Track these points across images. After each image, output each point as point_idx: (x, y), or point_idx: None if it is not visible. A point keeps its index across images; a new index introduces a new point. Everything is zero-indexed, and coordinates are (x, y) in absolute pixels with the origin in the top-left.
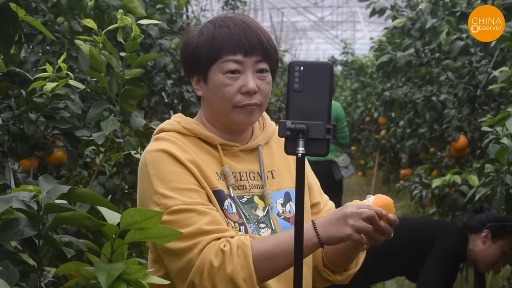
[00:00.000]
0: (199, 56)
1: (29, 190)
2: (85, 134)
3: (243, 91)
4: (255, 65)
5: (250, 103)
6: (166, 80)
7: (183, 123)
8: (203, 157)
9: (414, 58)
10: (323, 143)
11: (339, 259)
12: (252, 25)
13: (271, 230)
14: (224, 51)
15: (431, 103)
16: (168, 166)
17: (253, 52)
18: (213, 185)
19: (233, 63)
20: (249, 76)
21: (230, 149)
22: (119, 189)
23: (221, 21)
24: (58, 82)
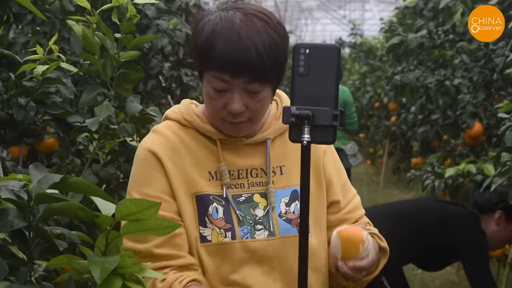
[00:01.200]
0: (196, 54)
1: (18, 179)
2: (77, 120)
3: (227, 109)
4: (244, 86)
5: (234, 122)
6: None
7: (185, 113)
8: (198, 154)
9: (427, 40)
10: (330, 130)
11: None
12: (247, 40)
13: (268, 232)
14: (212, 66)
15: (445, 87)
16: (147, 169)
17: (240, 74)
18: (198, 189)
19: (220, 82)
20: (235, 96)
21: (233, 143)
22: (114, 178)
23: (222, 25)
24: (49, 65)
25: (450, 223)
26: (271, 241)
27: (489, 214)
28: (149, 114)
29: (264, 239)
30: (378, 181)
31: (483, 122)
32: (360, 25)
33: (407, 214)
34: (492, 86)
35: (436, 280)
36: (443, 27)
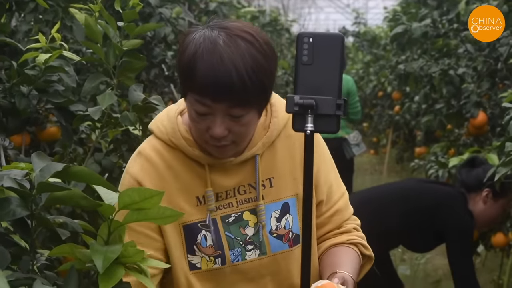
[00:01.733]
0: (178, 74)
1: (21, 167)
2: (80, 109)
3: (209, 133)
4: (227, 110)
5: (217, 145)
6: (166, 51)
7: (171, 134)
8: (185, 179)
9: (431, 29)
10: (333, 119)
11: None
12: (229, 63)
13: (259, 252)
14: (193, 89)
15: (449, 77)
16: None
17: (222, 98)
18: (185, 218)
19: (201, 106)
20: (217, 120)
21: (222, 164)
22: (116, 167)
23: (203, 47)
24: (51, 53)
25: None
26: (263, 260)
27: (477, 192)
28: (152, 103)
29: (256, 259)
30: (381, 171)
31: (487, 112)
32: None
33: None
34: (497, 75)
35: (439, 270)
36: (447, 16)
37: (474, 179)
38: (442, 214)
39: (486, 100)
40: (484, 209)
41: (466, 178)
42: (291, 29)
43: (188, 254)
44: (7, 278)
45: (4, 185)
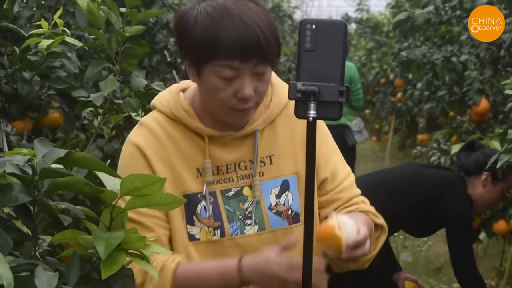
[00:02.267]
0: (192, 50)
1: (23, 153)
2: (82, 95)
3: (238, 97)
4: (253, 69)
5: (245, 108)
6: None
7: (173, 107)
8: (185, 150)
9: (434, 16)
10: (336, 106)
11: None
12: (251, 23)
13: (258, 227)
14: (218, 55)
15: (451, 64)
16: (134, 165)
17: (251, 56)
18: (186, 188)
19: (229, 70)
20: (245, 81)
21: (221, 138)
22: (119, 153)
23: (218, 14)
24: (54, 39)
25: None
26: (262, 236)
27: (476, 176)
28: (154, 89)
29: (254, 234)
30: (383, 158)
31: (489, 99)
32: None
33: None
34: (499, 62)
35: (441, 257)
36: (450, 3)
37: (473, 162)
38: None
39: (488, 87)
40: (483, 193)
41: (465, 162)
42: (294, 15)
43: (188, 224)
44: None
45: (6, 171)
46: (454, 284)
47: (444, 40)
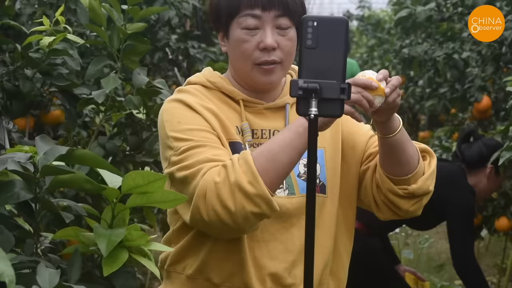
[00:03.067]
0: (221, 11)
1: (25, 151)
2: (84, 92)
3: (260, 47)
4: (275, 20)
5: (268, 60)
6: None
7: (208, 76)
8: (224, 110)
9: (435, 13)
10: (338, 104)
11: (390, 157)
12: None
13: (288, 191)
14: (242, 6)
15: (453, 61)
16: (182, 111)
17: (271, 6)
18: (231, 136)
19: (251, 18)
20: (267, 32)
21: (254, 106)
22: (120, 150)
23: None
24: (55, 36)
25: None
26: (291, 199)
27: (480, 169)
28: (156, 86)
29: (285, 197)
30: None
31: (491, 96)
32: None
33: None
34: (501, 59)
35: (442, 254)
36: (452, 0)
37: (477, 155)
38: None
39: (490, 84)
40: (487, 185)
41: (469, 156)
42: None
43: None
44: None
45: (8, 168)
46: (456, 281)
47: (445, 37)
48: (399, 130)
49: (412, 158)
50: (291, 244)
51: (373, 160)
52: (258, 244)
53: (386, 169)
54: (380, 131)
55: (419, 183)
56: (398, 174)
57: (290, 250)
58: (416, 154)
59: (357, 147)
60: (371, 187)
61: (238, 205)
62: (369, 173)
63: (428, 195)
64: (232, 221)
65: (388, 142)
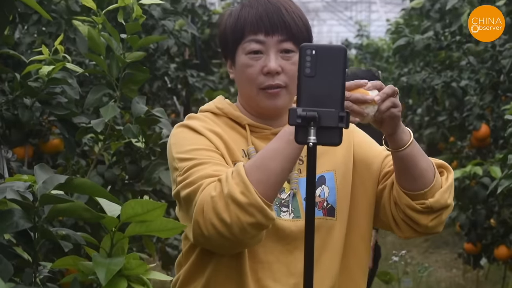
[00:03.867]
0: (227, 38)
1: (24, 180)
2: (83, 121)
3: (264, 71)
4: (278, 45)
5: (272, 84)
6: (169, 64)
7: (217, 103)
8: (231, 135)
9: (433, 42)
10: (336, 132)
11: (404, 171)
12: (276, 4)
13: (293, 214)
14: (246, 31)
15: (451, 89)
16: (187, 134)
17: (275, 31)
18: (236, 158)
19: (255, 43)
20: (271, 56)
21: (261, 131)
22: (119, 179)
23: (248, 1)
24: (54, 66)
25: None
26: (296, 222)
27: None
28: (155, 115)
29: (289, 220)
30: None
31: (489, 124)
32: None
33: None
34: (499, 88)
35: (441, 283)
36: (450, 29)
37: None
38: None
39: (488, 112)
40: None
41: None
42: None
43: None
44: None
45: (7, 197)
46: None
47: (444, 65)
48: (409, 143)
49: (427, 171)
50: (293, 267)
51: (389, 178)
52: (262, 266)
53: (402, 185)
54: (391, 145)
55: (436, 196)
56: (414, 189)
57: (293, 273)
58: (431, 167)
59: (372, 168)
60: (389, 205)
61: (233, 216)
62: (387, 192)
63: (447, 209)
64: (230, 234)
65: (399, 156)
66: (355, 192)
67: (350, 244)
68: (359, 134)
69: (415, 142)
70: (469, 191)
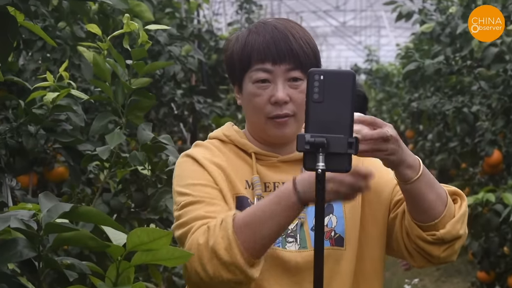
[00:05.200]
0: (234, 65)
1: (28, 208)
2: (88, 148)
3: (272, 101)
4: (286, 74)
5: (280, 114)
6: (175, 90)
7: (225, 129)
8: (236, 164)
9: (444, 66)
10: (345, 158)
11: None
12: (284, 31)
13: (300, 245)
14: (253, 60)
15: (463, 114)
16: (189, 166)
17: (282, 60)
18: (238, 191)
19: (262, 72)
20: (278, 86)
21: (268, 159)
22: (125, 207)
23: (255, 27)
24: (59, 92)
25: None
26: (303, 253)
27: None
28: (161, 142)
29: (295, 251)
30: None
31: (502, 150)
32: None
33: None
34: (511, 112)
35: None
36: (461, 53)
37: None
38: None
39: (501, 138)
40: None
41: None
42: None
43: None
44: None
45: (11, 226)
46: None
47: (455, 90)
48: (415, 179)
49: (436, 203)
50: None
51: (400, 206)
52: None
53: (412, 215)
54: (396, 177)
55: (447, 227)
56: (424, 220)
57: None
58: (442, 198)
59: (383, 196)
60: (401, 235)
61: (215, 271)
62: (398, 220)
63: (460, 240)
64: (212, 283)
65: (406, 188)
66: (364, 220)
67: (362, 273)
68: (369, 159)
69: (424, 175)
70: (481, 218)
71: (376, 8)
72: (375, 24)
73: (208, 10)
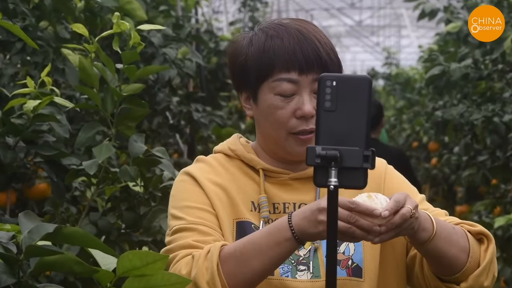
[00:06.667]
0: (248, 72)
1: (6, 229)
2: (73, 163)
3: (298, 115)
4: (312, 84)
5: (306, 129)
6: (171, 97)
7: (230, 143)
8: (241, 182)
9: (472, 71)
10: (360, 173)
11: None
12: (309, 36)
13: (312, 274)
14: (276, 68)
15: (493, 125)
16: (186, 185)
17: (310, 69)
18: (239, 215)
19: (287, 83)
20: (305, 98)
21: (278, 176)
22: (115, 228)
23: (273, 30)
24: (41, 100)
25: None
26: (315, 283)
27: None
28: (155, 155)
29: (307, 281)
30: None
31: None
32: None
33: None
34: None
35: None
36: (491, 56)
37: None
38: None
39: None
40: None
41: None
42: None
43: None
44: None
45: None
46: None
47: (484, 97)
48: (432, 237)
49: (457, 258)
50: None
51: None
52: None
53: (432, 269)
54: (410, 242)
55: (469, 281)
56: (444, 274)
57: None
58: (463, 249)
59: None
60: (423, 278)
61: None
62: (418, 261)
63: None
64: None
65: (422, 251)
66: (384, 250)
67: None
68: (392, 180)
69: (439, 231)
70: None
71: (396, 5)
72: (394, 23)
73: (207, 8)
